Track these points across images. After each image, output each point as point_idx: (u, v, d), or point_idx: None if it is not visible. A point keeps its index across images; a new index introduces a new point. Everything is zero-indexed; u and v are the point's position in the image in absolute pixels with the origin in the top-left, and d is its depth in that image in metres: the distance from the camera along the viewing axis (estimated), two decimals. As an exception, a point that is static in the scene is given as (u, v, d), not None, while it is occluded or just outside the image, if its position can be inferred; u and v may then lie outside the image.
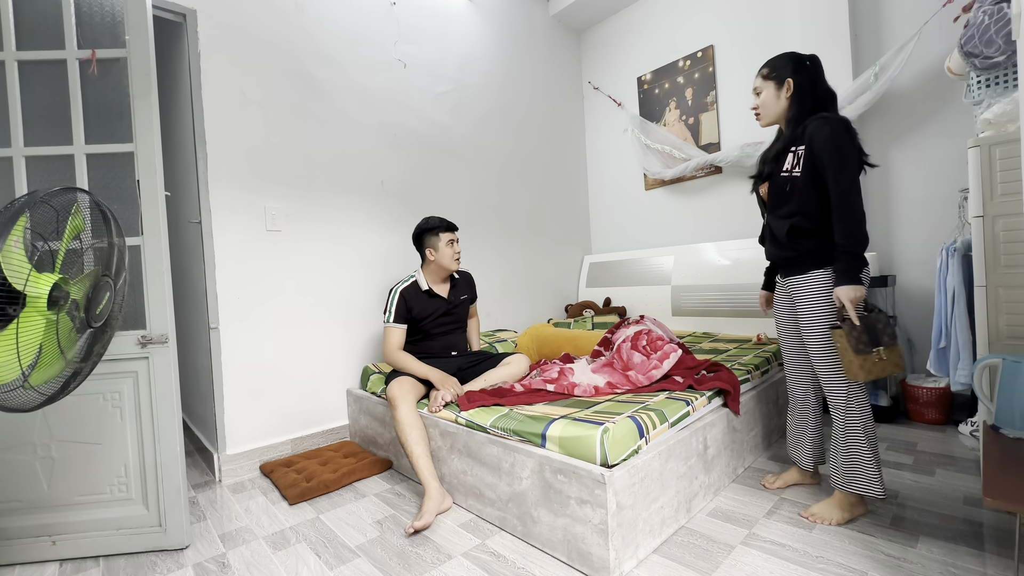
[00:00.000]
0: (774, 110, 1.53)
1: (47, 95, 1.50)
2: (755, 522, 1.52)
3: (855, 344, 1.33)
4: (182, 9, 2.03)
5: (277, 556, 1.48)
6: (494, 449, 1.56)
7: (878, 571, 1.24)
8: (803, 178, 1.42)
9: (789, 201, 1.46)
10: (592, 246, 4.07)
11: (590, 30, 3.95)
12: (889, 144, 2.58)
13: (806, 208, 1.43)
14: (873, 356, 1.34)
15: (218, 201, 2.10)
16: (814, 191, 1.41)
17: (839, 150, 1.35)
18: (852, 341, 1.33)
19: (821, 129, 1.38)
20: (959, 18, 2.24)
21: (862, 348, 1.33)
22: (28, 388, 1.00)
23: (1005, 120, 1.63)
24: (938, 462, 1.88)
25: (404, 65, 2.81)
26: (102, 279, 1.16)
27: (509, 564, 1.37)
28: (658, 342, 2.12)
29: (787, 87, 1.48)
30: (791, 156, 1.45)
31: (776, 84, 1.50)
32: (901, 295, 2.56)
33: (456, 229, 2.20)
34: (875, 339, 1.34)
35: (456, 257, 2.16)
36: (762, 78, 1.54)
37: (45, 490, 1.48)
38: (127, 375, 1.51)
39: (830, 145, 1.35)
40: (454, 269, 2.16)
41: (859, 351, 1.33)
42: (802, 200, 1.43)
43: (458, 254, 2.16)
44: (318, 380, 2.40)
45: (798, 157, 1.43)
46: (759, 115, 1.57)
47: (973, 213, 1.63)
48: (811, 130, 1.40)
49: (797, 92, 1.47)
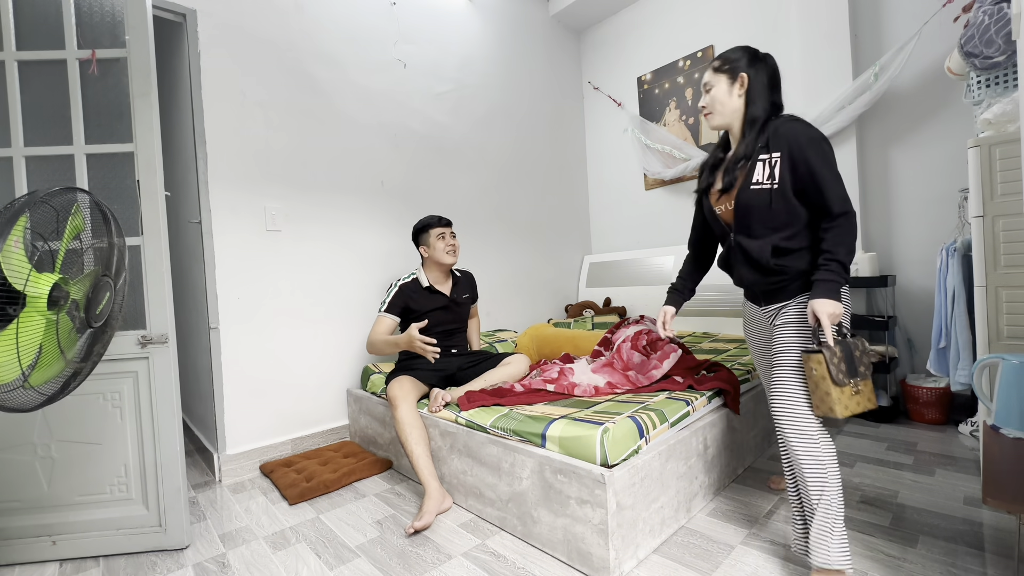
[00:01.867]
0: (727, 109, 1.31)
1: (47, 95, 1.50)
2: (755, 522, 1.52)
3: (835, 372, 1.14)
4: (182, 9, 2.03)
5: (277, 556, 1.48)
6: (494, 449, 1.56)
7: (878, 571, 1.24)
8: (785, 190, 1.21)
9: (772, 218, 1.23)
10: (592, 246, 4.07)
11: (590, 30, 3.95)
12: (889, 144, 2.58)
13: (794, 224, 1.23)
14: (851, 387, 1.15)
15: (218, 201, 2.10)
16: (800, 203, 1.22)
17: (827, 154, 1.19)
18: (832, 368, 1.14)
19: (801, 132, 1.19)
20: (959, 18, 2.24)
21: (841, 377, 1.14)
22: (28, 388, 1.00)
23: (1005, 120, 1.63)
24: (938, 462, 1.88)
25: (404, 65, 2.81)
26: (102, 279, 1.16)
27: (509, 564, 1.37)
28: (658, 342, 2.12)
29: (741, 82, 1.28)
30: (761, 165, 1.23)
31: (729, 78, 1.30)
32: (901, 295, 2.56)
33: (448, 224, 2.19)
34: (853, 368, 1.16)
35: (448, 250, 2.14)
36: (713, 71, 1.33)
37: (45, 490, 1.48)
38: (127, 375, 1.51)
39: (816, 148, 1.18)
40: (448, 262, 2.14)
41: (838, 381, 1.14)
42: (790, 216, 1.23)
43: (451, 247, 2.15)
44: (318, 380, 2.40)
45: (772, 166, 1.21)
46: (708, 114, 1.34)
47: (973, 213, 1.63)
48: (786, 133, 1.20)
49: (752, 89, 1.27)
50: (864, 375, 1.18)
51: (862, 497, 1.64)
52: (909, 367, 2.55)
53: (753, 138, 1.25)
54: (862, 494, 1.66)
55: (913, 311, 2.54)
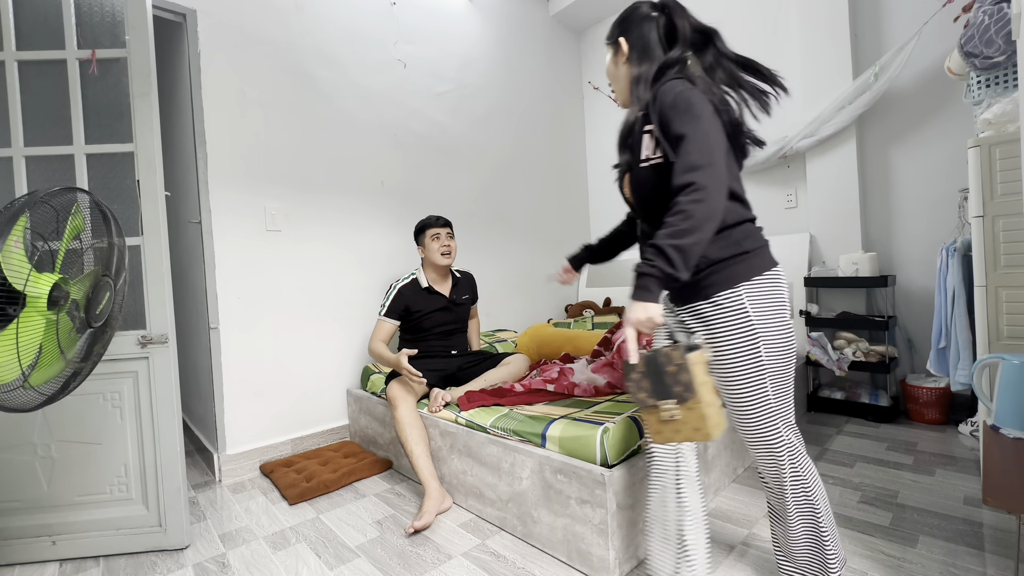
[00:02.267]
0: (619, 83, 1.14)
1: (47, 95, 1.50)
2: (755, 522, 1.52)
3: (634, 391, 0.95)
4: (182, 9, 2.03)
5: (277, 556, 1.48)
6: (494, 449, 1.56)
7: (878, 571, 1.24)
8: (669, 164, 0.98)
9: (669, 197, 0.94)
10: (592, 246, 4.06)
11: (590, 30, 3.95)
12: (889, 144, 2.58)
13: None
14: (660, 412, 0.92)
15: (218, 201, 2.10)
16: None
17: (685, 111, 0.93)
18: (631, 387, 0.95)
19: (667, 91, 0.97)
20: (959, 18, 2.24)
21: (643, 398, 0.94)
22: (28, 388, 1.00)
23: (1005, 120, 1.63)
24: (938, 462, 1.88)
25: (404, 65, 2.81)
26: (102, 279, 1.16)
27: (509, 564, 1.37)
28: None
29: (622, 52, 1.11)
30: (648, 138, 1.02)
31: (613, 49, 1.14)
32: (901, 295, 2.56)
33: (446, 224, 2.18)
34: (662, 387, 0.91)
35: (442, 251, 2.14)
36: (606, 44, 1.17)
37: (45, 490, 1.48)
38: (127, 375, 1.51)
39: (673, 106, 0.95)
40: (441, 263, 2.14)
41: (639, 402, 0.95)
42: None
43: (445, 247, 2.14)
44: (318, 380, 2.40)
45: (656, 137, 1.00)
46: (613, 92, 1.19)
47: (973, 213, 1.63)
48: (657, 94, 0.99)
49: (635, 55, 1.09)
50: (683, 396, 0.89)
51: (862, 497, 1.64)
52: (909, 367, 2.55)
53: (634, 108, 1.06)
54: (862, 494, 1.66)
55: (913, 311, 2.54)
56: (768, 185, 2.97)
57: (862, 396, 2.48)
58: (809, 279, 2.59)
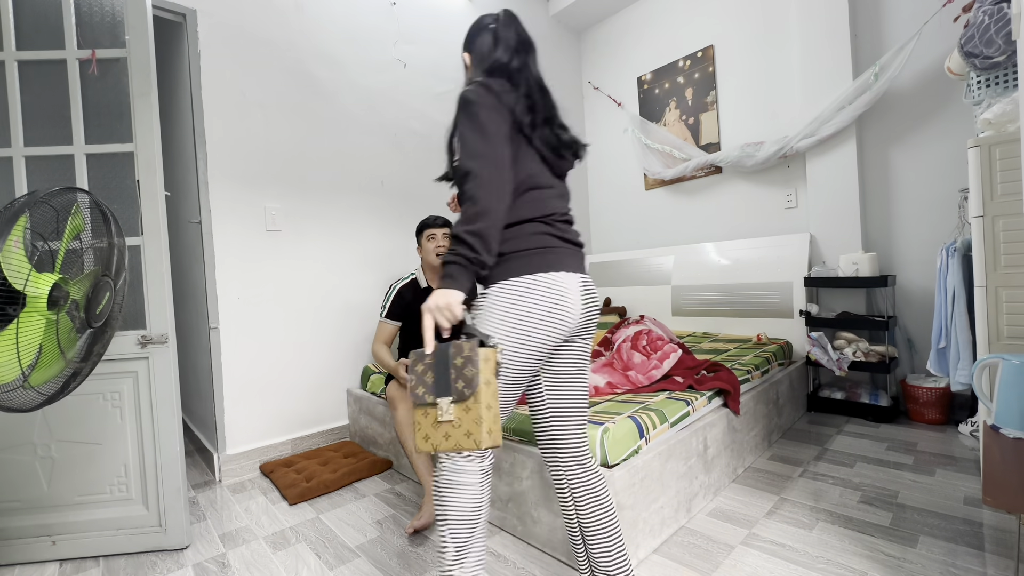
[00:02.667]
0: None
1: (47, 95, 1.50)
2: (755, 522, 1.52)
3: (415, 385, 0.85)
4: (182, 9, 2.03)
5: (277, 556, 1.48)
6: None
7: (878, 571, 1.24)
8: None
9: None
10: (592, 246, 4.06)
11: (590, 30, 3.95)
12: (889, 144, 2.58)
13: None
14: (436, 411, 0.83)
15: (218, 201, 2.10)
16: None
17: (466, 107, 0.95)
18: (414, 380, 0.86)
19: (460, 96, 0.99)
20: (959, 18, 2.24)
21: (421, 394, 0.84)
22: (28, 388, 1.00)
23: (1005, 120, 1.63)
24: (938, 462, 1.88)
25: (404, 65, 2.81)
26: (102, 279, 1.16)
27: (509, 564, 1.37)
28: (658, 342, 2.12)
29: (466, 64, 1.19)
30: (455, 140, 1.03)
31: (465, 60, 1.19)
32: (901, 295, 2.56)
33: (443, 224, 2.17)
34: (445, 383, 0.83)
35: (437, 251, 2.11)
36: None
37: (45, 490, 1.48)
38: (127, 375, 1.51)
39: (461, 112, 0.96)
40: (436, 263, 2.13)
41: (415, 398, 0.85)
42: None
43: (440, 248, 2.14)
44: (318, 380, 2.40)
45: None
46: None
47: (973, 213, 1.63)
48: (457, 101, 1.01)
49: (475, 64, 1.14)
50: (463, 393, 0.80)
51: (862, 497, 1.64)
52: (909, 367, 2.55)
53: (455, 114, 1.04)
54: (862, 494, 1.66)
55: (913, 311, 2.54)
56: (768, 185, 2.97)
57: (862, 396, 2.48)
58: (809, 279, 2.59)
